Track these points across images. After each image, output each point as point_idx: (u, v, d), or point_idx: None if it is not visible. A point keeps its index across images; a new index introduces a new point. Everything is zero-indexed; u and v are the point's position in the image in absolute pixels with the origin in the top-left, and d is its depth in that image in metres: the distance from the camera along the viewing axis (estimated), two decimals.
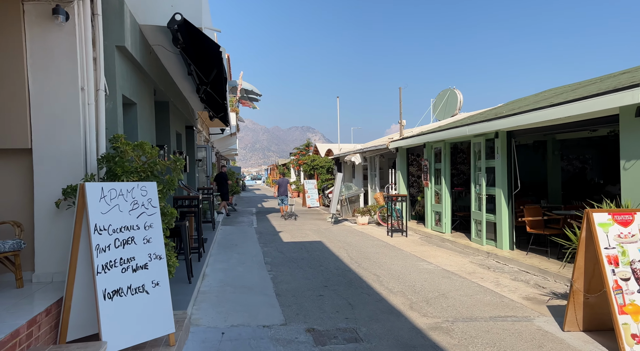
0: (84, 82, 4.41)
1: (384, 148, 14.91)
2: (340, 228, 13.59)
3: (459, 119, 15.04)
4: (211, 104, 10.53)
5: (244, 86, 25.10)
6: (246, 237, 11.84)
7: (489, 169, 9.24)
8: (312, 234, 12.38)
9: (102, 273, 3.47)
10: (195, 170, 13.39)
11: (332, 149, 24.19)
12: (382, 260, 8.62)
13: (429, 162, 11.98)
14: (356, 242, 10.87)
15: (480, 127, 8.83)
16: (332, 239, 11.41)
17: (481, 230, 9.41)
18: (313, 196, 21.99)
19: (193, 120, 12.58)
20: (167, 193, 4.53)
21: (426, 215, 12.19)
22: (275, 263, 8.57)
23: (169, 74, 7.77)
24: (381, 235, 12.00)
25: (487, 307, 5.57)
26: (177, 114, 10.00)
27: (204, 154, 17.48)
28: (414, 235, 11.88)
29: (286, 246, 10.33)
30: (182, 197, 7.93)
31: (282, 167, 47.92)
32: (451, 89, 18.22)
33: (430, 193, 11.98)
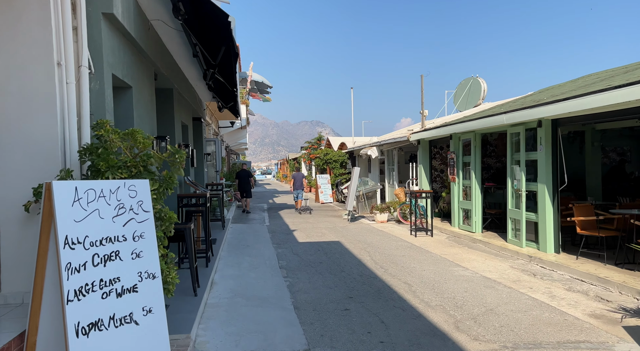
0: (61, 56, 3.55)
1: (404, 141, 13.95)
2: (358, 226, 12.70)
3: (484, 109, 14.01)
4: (220, 92, 9.66)
5: (254, 78, 24.22)
6: (258, 237, 11.00)
7: (529, 162, 8.26)
8: (329, 233, 11.50)
9: (75, 300, 2.61)
10: (203, 165, 12.56)
11: (345, 142, 23.25)
12: (410, 265, 7.71)
13: (456, 155, 11.01)
14: (377, 242, 9.97)
15: (521, 115, 7.85)
16: (350, 239, 10.52)
17: (520, 230, 8.45)
18: (326, 192, 21.11)
19: (201, 111, 11.74)
20: (164, 193, 3.67)
21: (452, 213, 11.24)
22: (291, 267, 7.71)
23: (171, 56, 6.91)
24: (404, 234, 11.07)
25: (550, 328, 4.64)
26: (183, 104, 9.15)
27: (213, 148, 16.66)
28: (440, 235, 10.94)
29: (302, 247, 9.47)
30: (188, 195, 7.09)
31: (292, 162, 47.11)
32: (474, 77, 17.14)
33: (458, 189, 11.02)
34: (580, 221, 7.13)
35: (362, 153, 18.01)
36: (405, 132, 15.36)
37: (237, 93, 8.73)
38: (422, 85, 13.45)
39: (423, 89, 13.45)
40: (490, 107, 13.62)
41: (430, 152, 13.23)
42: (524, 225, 8.29)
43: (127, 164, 3.45)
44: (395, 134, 16.45)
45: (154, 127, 6.10)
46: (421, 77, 13.46)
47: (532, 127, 8.09)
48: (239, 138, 28.24)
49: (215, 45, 5.75)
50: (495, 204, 11.14)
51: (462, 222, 10.87)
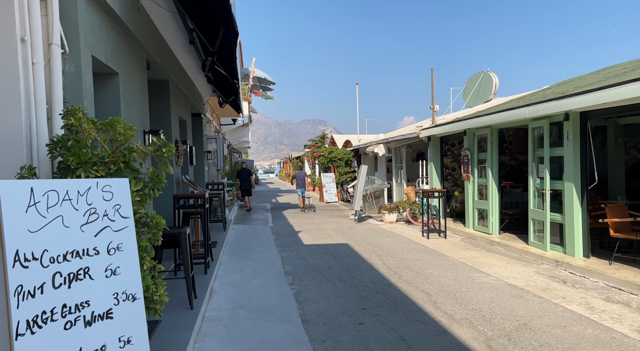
0: (25, 31, 2.97)
1: (414, 137, 13.33)
2: (365, 227, 12.10)
3: (496, 104, 13.37)
4: (220, 86, 9.08)
5: (257, 74, 23.63)
6: (261, 239, 10.41)
7: (554, 158, 7.64)
8: (336, 234, 10.90)
9: (28, 334, 2.03)
10: (204, 163, 11.99)
11: (350, 140, 22.64)
12: (426, 270, 7.11)
13: (470, 152, 10.39)
14: (388, 245, 9.37)
15: (546, 107, 7.23)
16: (359, 241, 9.92)
17: (543, 232, 7.83)
18: (331, 191, 20.51)
19: (201, 107, 11.16)
20: (151, 195, 3.08)
21: (467, 213, 10.62)
22: (297, 273, 7.13)
23: (166, 43, 6.32)
24: (415, 236, 10.47)
25: (599, 349, 4.04)
26: (180, 98, 8.57)
27: (214, 146, 16.09)
28: (454, 236, 10.33)
29: (308, 251, 8.88)
30: (185, 195, 6.51)
31: (295, 161, 46.54)
32: (485, 71, 16.48)
33: (472, 188, 10.40)
34: (614, 223, 6.51)
35: (369, 151, 17.40)
36: (414, 129, 14.74)
37: (238, 85, 8.15)
38: (433, 79, 12.83)
39: (433, 83, 12.83)
40: (504, 102, 12.98)
41: (442, 150, 12.61)
42: (548, 227, 7.67)
43: (104, 160, 2.86)
44: (404, 131, 15.84)
45: (146, 121, 5.52)
46: (431, 70, 12.84)
47: (557, 121, 7.47)
48: (241, 136, 27.68)
49: (213, 27, 5.16)
50: (512, 204, 10.53)
51: (477, 223, 10.25)
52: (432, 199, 11.11)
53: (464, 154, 10.64)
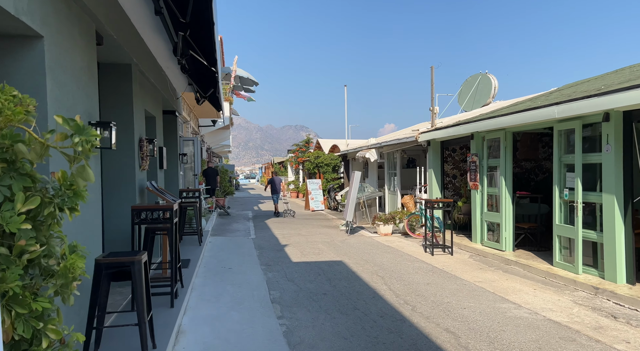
0: None
1: (411, 142, 12.22)
2: (359, 241, 10.88)
3: (497, 107, 12.38)
4: (197, 77, 7.78)
5: (239, 73, 22.28)
6: (243, 254, 9.07)
7: (587, 166, 6.57)
8: (327, 249, 9.65)
9: None
10: (178, 167, 10.62)
11: (338, 144, 21.47)
12: (442, 298, 5.92)
13: (478, 158, 9.30)
14: (390, 263, 8.16)
15: (580, 106, 6.15)
16: (355, 258, 8.69)
17: (573, 252, 6.74)
18: (317, 198, 19.29)
19: (175, 103, 9.80)
20: (55, 217, 1.78)
21: (474, 226, 9.51)
22: (287, 301, 5.85)
23: (125, 14, 5.00)
24: (417, 252, 9.29)
25: None
26: (148, 89, 7.23)
27: (191, 149, 14.70)
28: (461, 253, 9.18)
29: (297, 270, 7.60)
30: (148, 207, 5.16)
31: (278, 166, 45.21)
32: (483, 73, 15.56)
33: (480, 198, 9.30)
34: None
35: (359, 156, 16.25)
36: (409, 133, 13.65)
37: (217, 75, 6.86)
38: (432, 78, 11.76)
39: (433, 82, 11.76)
40: (507, 104, 11.99)
41: (442, 155, 11.53)
42: (580, 246, 6.57)
43: None
44: (398, 135, 14.73)
45: (93, 109, 4.18)
46: (431, 68, 11.78)
47: (593, 122, 6.41)
48: (221, 139, 26.23)
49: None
50: (525, 217, 9.47)
51: (486, 237, 9.14)
52: (435, 210, 9.97)
53: (471, 160, 9.54)
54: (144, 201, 6.33)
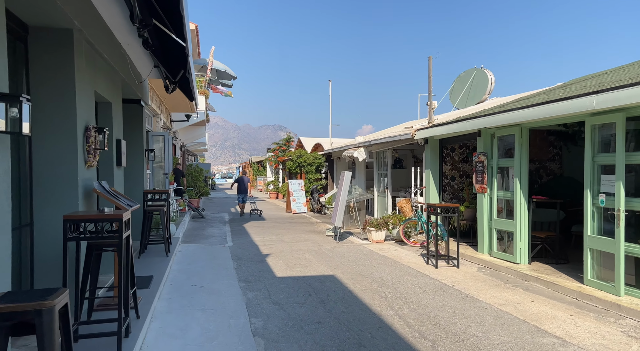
0: None
1: (406, 140, 11.14)
2: (350, 249, 9.70)
3: (496, 104, 11.43)
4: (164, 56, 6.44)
5: (216, 66, 20.85)
6: (218, 267, 7.77)
7: (632, 167, 5.56)
8: (315, 260, 8.44)
9: None
10: (143, 165, 9.23)
11: (321, 143, 20.29)
12: (466, 329, 4.79)
13: (487, 158, 8.26)
14: (390, 278, 7.02)
15: (629, 95, 5.12)
16: (349, 271, 7.51)
17: (614, 270, 5.71)
18: (300, 200, 18.06)
19: (141, 91, 8.41)
20: None
21: (480, 234, 8.46)
22: (273, 333, 4.62)
23: None
24: (418, 263, 8.18)
25: None
26: (102, 68, 5.88)
27: (161, 145, 13.27)
28: (468, 265, 8.11)
29: (283, 288, 6.37)
30: (86, 217, 3.83)
31: (256, 165, 43.76)
32: (478, 68, 14.63)
33: (488, 202, 8.27)
34: None
35: (346, 155, 15.09)
36: (402, 130, 12.58)
37: (187, 51, 5.55)
38: (430, 69, 10.69)
39: (431, 74, 10.69)
40: (506, 101, 11.01)
41: (441, 155, 10.47)
42: (622, 263, 5.55)
43: None
44: (390, 132, 13.65)
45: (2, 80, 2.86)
46: (429, 59, 10.71)
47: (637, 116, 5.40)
48: (196, 136, 24.70)
49: None
50: (538, 224, 8.47)
51: (495, 247, 8.10)
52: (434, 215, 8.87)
53: (478, 160, 8.50)
54: (91, 208, 4.99)
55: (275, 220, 15.50)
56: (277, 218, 16.37)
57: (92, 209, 4.94)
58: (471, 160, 11.07)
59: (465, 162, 11.02)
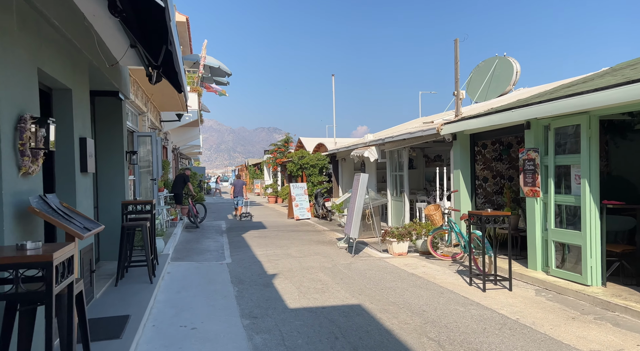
0: None
1: (429, 135, 9.69)
2: (370, 265, 8.23)
3: (525, 96, 10.02)
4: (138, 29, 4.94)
5: (209, 62, 19.37)
6: (214, 296, 6.26)
7: None
8: (332, 281, 6.96)
9: None
10: (124, 170, 7.72)
11: (324, 143, 18.82)
12: None
13: (539, 155, 6.82)
14: (434, 309, 5.54)
15: None
16: (378, 297, 6.02)
17: None
18: (303, 205, 16.58)
19: (114, 77, 6.89)
20: None
21: (532, 247, 7.01)
22: None
23: None
24: (457, 284, 6.71)
25: None
26: (51, 40, 4.36)
27: (149, 148, 11.75)
28: (521, 286, 6.64)
29: (299, 327, 4.88)
30: None
31: (253, 168, 42.24)
32: (500, 57, 13.21)
33: (542, 208, 6.83)
34: None
35: (355, 155, 13.62)
36: (420, 125, 11.13)
37: (170, 17, 4.07)
38: (457, 53, 9.25)
39: (457, 59, 9.25)
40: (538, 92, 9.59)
41: (473, 152, 9.03)
42: None
43: None
44: (406, 128, 12.19)
45: None
46: (455, 42, 9.26)
47: None
48: (190, 138, 23.12)
49: None
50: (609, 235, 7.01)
51: (554, 264, 6.64)
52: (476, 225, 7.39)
53: (526, 157, 7.05)
54: (30, 235, 3.48)
55: (278, 228, 14.01)
56: (279, 225, 14.87)
57: (26, 236, 3.43)
58: (505, 158, 9.63)
59: (498, 160, 9.58)
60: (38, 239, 3.43)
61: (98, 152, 7.51)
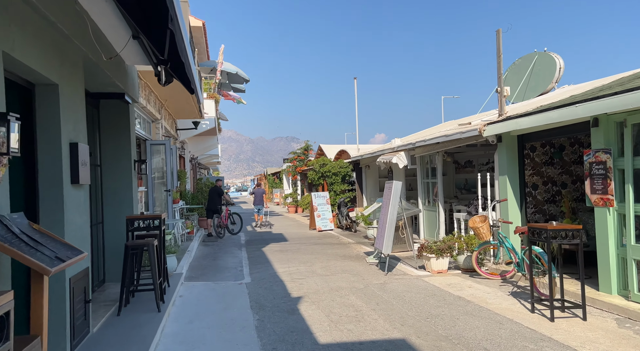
0: None
1: (468, 138, 8.68)
2: (407, 285, 7.23)
3: (562, 97, 8.94)
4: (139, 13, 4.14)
5: (226, 68, 18.75)
6: (231, 328, 5.35)
7: None
8: (368, 307, 5.98)
9: None
10: (132, 181, 6.93)
11: (346, 150, 17.90)
12: None
13: (611, 157, 5.76)
14: (497, 347, 4.52)
15: None
16: (426, 331, 5.03)
17: None
18: (325, 215, 15.65)
19: (119, 76, 6.13)
20: None
21: (606, 266, 5.92)
22: None
23: None
24: (515, 310, 5.66)
25: None
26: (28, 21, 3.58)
27: (163, 157, 11.05)
28: (596, 314, 5.55)
29: None
30: None
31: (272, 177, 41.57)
32: (540, 52, 12.13)
33: (615, 220, 5.76)
34: None
35: (381, 161, 12.65)
36: (455, 127, 10.13)
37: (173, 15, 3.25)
38: (499, 45, 8.25)
39: (500, 51, 8.25)
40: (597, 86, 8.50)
41: (521, 156, 7.98)
42: None
43: None
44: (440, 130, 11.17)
45: None
46: (497, 32, 8.27)
47: None
48: (208, 147, 22.48)
49: None
50: None
51: (635, 287, 5.54)
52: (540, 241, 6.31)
53: (595, 160, 5.99)
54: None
55: (299, 241, 13.10)
56: (300, 237, 13.97)
57: None
58: (557, 161, 8.55)
59: (549, 164, 8.50)
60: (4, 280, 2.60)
61: (103, 161, 6.77)
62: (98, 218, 6.61)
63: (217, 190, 14.37)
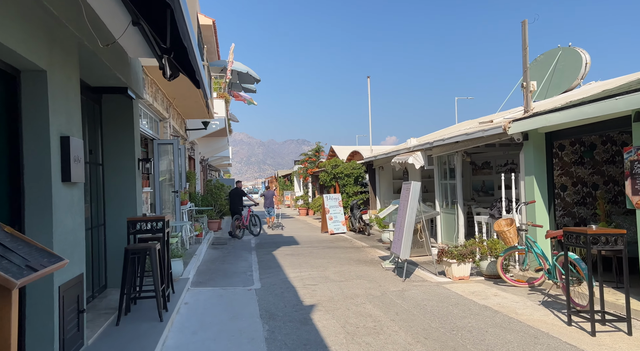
0: None
1: (491, 136, 8.17)
2: (427, 293, 6.74)
3: (592, 92, 8.36)
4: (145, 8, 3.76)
5: (236, 67, 18.42)
6: (239, 340, 4.91)
7: None
8: (386, 317, 5.51)
9: None
10: (135, 180, 6.56)
11: (359, 151, 17.44)
12: None
13: None
14: None
15: None
16: (454, 346, 4.54)
17: None
18: (337, 218, 15.20)
19: (120, 69, 5.76)
20: None
21: None
22: None
23: None
24: (549, 322, 5.15)
25: None
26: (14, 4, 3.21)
27: (171, 157, 10.71)
28: None
29: None
30: None
31: (282, 179, 41.27)
32: (565, 47, 11.55)
33: None
34: None
35: (396, 162, 12.16)
36: (476, 125, 9.61)
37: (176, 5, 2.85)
38: (525, 37, 7.74)
39: (526, 42, 7.73)
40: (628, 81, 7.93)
41: (549, 156, 7.45)
42: None
43: None
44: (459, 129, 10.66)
45: None
46: (523, 24, 7.76)
47: None
48: (218, 149, 22.17)
49: None
50: None
51: None
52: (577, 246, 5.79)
53: (635, 158, 5.46)
54: None
55: (311, 244, 12.67)
56: (312, 240, 13.53)
57: None
58: (587, 161, 8.00)
59: (579, 164, 7.95)
60: None
61: (105, 159, 6.41)
62: (99, 219, 6.24)
63: (238, 192, 14.68)
